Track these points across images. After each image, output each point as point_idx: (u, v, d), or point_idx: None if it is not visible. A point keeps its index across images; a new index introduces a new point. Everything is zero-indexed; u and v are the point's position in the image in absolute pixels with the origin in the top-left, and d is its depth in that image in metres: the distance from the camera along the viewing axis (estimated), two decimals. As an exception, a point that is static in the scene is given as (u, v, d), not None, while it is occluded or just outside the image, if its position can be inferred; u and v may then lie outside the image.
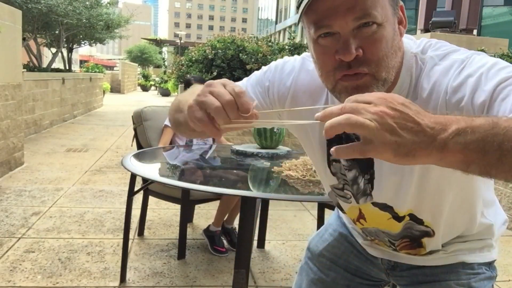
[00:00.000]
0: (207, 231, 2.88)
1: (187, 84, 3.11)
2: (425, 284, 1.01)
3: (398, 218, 0.93)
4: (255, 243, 2.85)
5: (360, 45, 0.71)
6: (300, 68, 0.92)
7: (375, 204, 0.93)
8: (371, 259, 1.10)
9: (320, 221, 2.88)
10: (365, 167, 0.89)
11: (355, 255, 1.12)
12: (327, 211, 2.83)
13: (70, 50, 12.45)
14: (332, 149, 0.55)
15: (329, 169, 0.96)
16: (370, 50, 0.71)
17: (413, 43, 0.83)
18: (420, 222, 0.92)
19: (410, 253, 1.00)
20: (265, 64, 4.06)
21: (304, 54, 0.95)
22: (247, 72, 4.64)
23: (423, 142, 0.52)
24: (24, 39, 8.91)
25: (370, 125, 0.51)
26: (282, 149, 2.73)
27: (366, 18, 0.70)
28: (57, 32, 10.70)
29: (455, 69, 0.74)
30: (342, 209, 1.05)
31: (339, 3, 0.69)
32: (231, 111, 0.64)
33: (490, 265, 1.01)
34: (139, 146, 3.02)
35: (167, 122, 2.98)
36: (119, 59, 45.21)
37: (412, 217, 0.92)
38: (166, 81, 19.49)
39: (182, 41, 25.60)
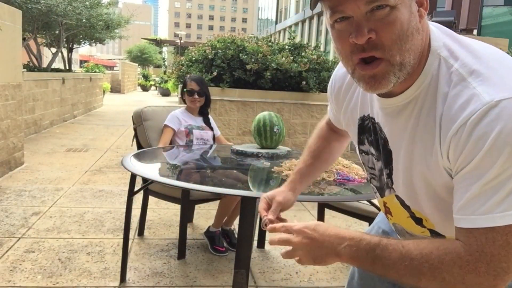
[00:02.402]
0: (207, 232, 2.89)
1: (184, 84, 3.12)
2: None
3: (415, 218, 0.92)
4: (255, 243, 2.85)
5: (374, 28, 0.72)
6: (336, 70, 1.05)
7: (397, 197, 0.93)
8: None
9: (320, 221, 2.87)
10: (386, 161, 0.91)
11: None
12: (327, 211, 2.83)
13: (70, 50, 12.44)
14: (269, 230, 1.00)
15: (360, 158, 1.04)
16: (383, 33, 0.72)
17: (442, 38, 0.78)
18: (440, 236, 0.90)
19: None
20: (265, 64, 4.05)
21: None
22: (247, 72, 4.64)
23: (326, 253, 0.83)
24: (24, 39, 8.90)
25: (299, 259, 0.89)
26: (282, 149, 2.73)
27: (378, 1, 0.70)
28: (57, 32, 10.69)
29: (472, 114, 0.68)
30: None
31: None
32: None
33: None
34: (139, 146, 3.02)
35: (167, 122, 2.98)
36: (119, 59, 45.23)
37: (433, 233, 0.91)
38: (166, 81, 19.48)
39: (182, 41, 25.60)
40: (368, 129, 0.94)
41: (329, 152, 1.23)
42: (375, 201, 2.21)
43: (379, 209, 1.29)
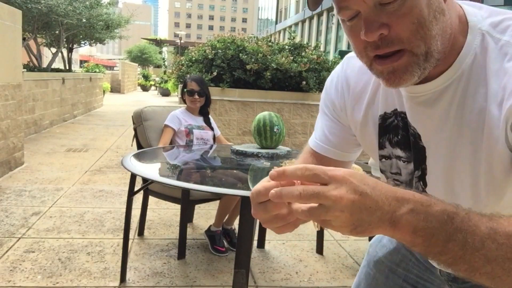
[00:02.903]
0: (208, 231, 2.89)
1: (184, 84, 3.12)
2: None
3: None
4: (255, 243, 2.85)
5: (386, 22, 0.62)
6: (345, 69, 0.89)
7: None
8: (431, 269, 0.99)
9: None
10: (418, 161, 0.80)
11: (413, 263, 1.02)
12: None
13: (70, 50, 12.44)
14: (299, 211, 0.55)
15: (379, 166, 0.88)
16: (399, 27, 0.62)
17: (481, 14, 0.70)
18: None
19: None
20: (265, 64, 4.04)
21: (347, 56, 0.91)
22: (247, 72, 4.65)
23: (378, 218, 0.53)
24: (24, 39, 8.91)
25: (328, 216, 0.52)
26: (282, 149, 2.73)
27: None
28: (57, 32, 10.70)
29: None
30: None
31: None
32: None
33: None
34: (139, 146, 3.02)
35: (167, 122, 2.98)
36: (119, 59, 45.22)
37: None
38: (166, 81, 19.48)
39: (182, 41, 25.60)
40: (393, 128, 0.81)
41: None
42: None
43: None
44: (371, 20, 0.63)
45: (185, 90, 3.07)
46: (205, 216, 3.50)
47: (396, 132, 0.81)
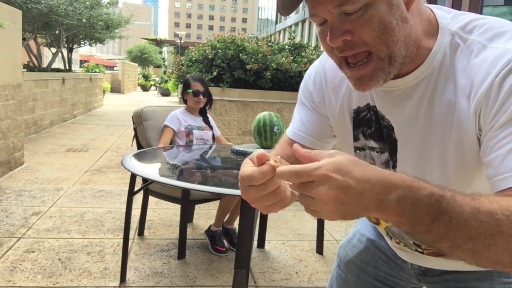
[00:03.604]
0: (208, 231, 2.89)
1: (185, 84, 3.11)
2: None
3: None
4: (255, 243, 2.85)
5: (350, 29, 0.68)
6: (323, 63, 0.93)
7: None
8: (401, 264, 1.04)
9: (320, 221, 2.88)
10: (391, 152, 0.84)
11: (383, 260, 1.07)
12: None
13: (70, 50, 12.44)
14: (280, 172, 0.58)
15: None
16: (361, 33, 0.68)
17: (450, 17, 0.76)
18: None
19: (439, 258, 0.93)
20: (265, 64, 4.04)
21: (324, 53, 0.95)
22: (247, 72, 4.64)
23: (364, 207, 0.55)
24: (24, 39, 8.90)
25: (316, 208, 0.56)
26: (282, 149, 2.73)
27: (345, 5, 0.66)
28: (57, 32, 10.70)
29: (503, 64, 0.65)
30: None
31: None
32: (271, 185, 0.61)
33: None
34: (139, 146, 3.02)
35: (167, 122, 2.98)
36: (119, 59, 45.22)
37: None
38: (166, 81, 19.48)
39: (182, 41, 25.58)
40: (366, 121, 0.86)
41: None
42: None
43: None
44: (336, 28, 0.68)
45: (189, 91, 3.06)
46: (205, 216, 3.50)
47: (369, 125, 0.86)
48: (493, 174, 0.64)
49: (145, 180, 2.42)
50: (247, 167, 0.61)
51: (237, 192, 1.89)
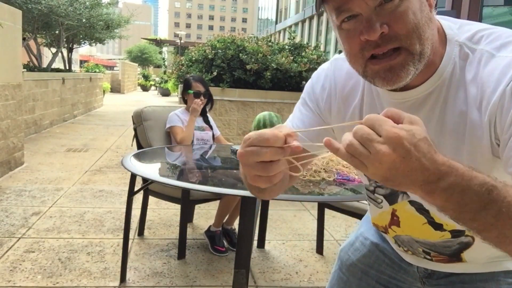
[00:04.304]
0: (208, 231, 2.89)
1: (186, 84, 3.11)
2: None
3: (434, 224, 0.86)
4: (255, 243, 2.85)
5: (385, 22, 0.68)
6: (333, 70, 0.92)
7: (412, 202, 0.87)
8: (405, 267, 1.03)
9: (320, 221, 2.88)
10: None
11: (387, 264, 1.06)
12: (327, 211, 2.83)
13: (70, 50, 12.43)
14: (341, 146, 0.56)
15: None
16: (397, 24, 0.68)
17: (457, 28, 0.77)
18: (461, 233, 0.86)
19: (449, 264, 0.94)
20: (265, 64, 4.02)
21: (334, 56, 0.94)
22: (247, 72, 4.64)
23: (411, 182, 0.55)
24: (24, 39, 8.90)
25: (368, 166, 0.54)
26: (282, 149, 2.72)
27: None
28: (57, 32, 10.69)
29: None
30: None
31: None
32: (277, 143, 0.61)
33: None
34: (139, 146, 3.02)
35: (172, 124, 2.97)
36: (119, 59, 45.23)
37: (454, 233, 0.86)
38: (166, 81, 19.49)
39: (182, 41, 25.59)
40: None
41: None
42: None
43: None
44: (373, 20, 0.68)
45: (190, 91, 3.05)
46: (205, 216, 3.50)
47: None
48: None
49: (145, 180, 2.42)
50: (265, 131, 0.62)
51: (237, 192, 1.89)
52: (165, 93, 19.99)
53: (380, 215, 0.96)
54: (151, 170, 2.41)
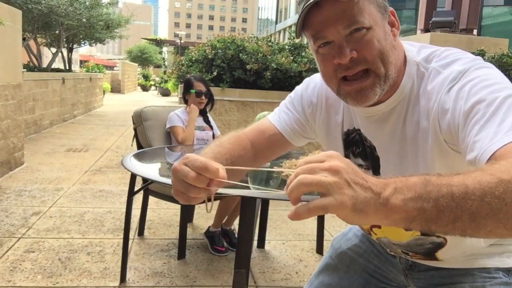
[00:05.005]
0: (207, 232, 2.89)
1: (188, 84, 3.10)
2: (441, 287, 1.02)
3: None
4: (255, 243, 2.85)
5: (354, 48, 0.79)
6: (321, 83, 1.01)
7: None
8: (391, 259, 1.12)
9: (320, 221, 2.88)
10: (374, 168, 0.95)
11: (375, 254, 1.15)
12: (327, 211, 2.83)
13: (70, 50, 12.43)
14: (290, 213, 0.56)
15: None
16: (364, 50, 0.80)
17: (416, 51, 0.89)
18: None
19: (426, 261, 1.03)
20: (265, 64, 4.02)
21: None
22: (247, 72, 4.64)
23: (371, 198, 0.54)
24: (24, 39, 8.90)
25: (326, 181, 0.53)
26: (282, 149, 2.73)
27: (354, 25, 0.78)
28: (57, 32, 10.69)
29: (449, 82, 0.79)
30: None
31: (329, 15, 0.79)
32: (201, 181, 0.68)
33: (509, 271, 0.99)
34: (139, 146, 3.02)
35: (172, 123, 2.96)
36: (119, 59, 45.22)
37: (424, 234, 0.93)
38: (166, 81, 19.49)
39: (182, 41, 25.59)
40: (355, 142, 0.98)
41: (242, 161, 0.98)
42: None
43: None
44: (344, 47, 0.79)
45: (191, 91, 3.05)
46: (205, 216, 3.50)
47: (357, 145, 0.98)
48: (475, 156, 0.68)
49: (145, 180, 2.42)
50: (192, 164, 0.68)
51: (237, 192, 1.89)
52: (165, 93, 19.99)
53: None
54: (151, 170, 2.41)
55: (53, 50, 11.80)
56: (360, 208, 0.54)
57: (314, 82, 1.05)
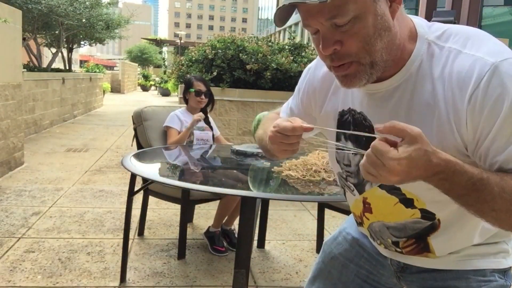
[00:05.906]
0: (207, 232, 2.89)
1: (188, 83, 3.10)
2: None
3: (406, 201, 0.91)
4: (255, 243, 2.85)
5: (340, 39, 0.77)
6: (314, 66, 1.04)
7: (382, 186, 0.92)
8: (382, 261, 1.09)
9: (320, 221, 2.88)
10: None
11: (366, 258, 1.12)
12: (327, 211, 2.83)
13: (70, 50, 12.43)
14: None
15: (335, 155, 1.02)
16: (349, 43, 0.77)
17: (427, 26, 0.84)
18: (432, 216, 0.91)
19: (417, 256, 0.98)
20: (265, 64, 4.02)
21: None
22: (247, 72, 4.64)
23: (417, 176, 0.71)
24: (24, 39, 8.90)
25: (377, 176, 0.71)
26: (282, 149, 2.72)
27: (336, 18, 0.74)
28: (57, 32, 10.69)
29: (476, 77, 0.74)
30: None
31: (311, 7, 0.75)
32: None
33: (505, 273, 0.96)
34: (139, 146, 3.02)
35: (168, 124, 2.96)
36: (119, 59, 45.24)
37: (423, 213, 0.91)
38: (166, 81, 19.47)
39: (182, 41, 25.57)
40: (347, 124, 0.96)
41: None
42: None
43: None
44: (327, 38, 0.77)
45: (192, 90, 3.05)
46: (205, 216, 3.50)
47: (348, 127, 0.95)
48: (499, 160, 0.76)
49: (145, 180, 2.42)
50: (285, 122, 0.86)
51: (237, 192, 1.89)
52: (165, 93, 19.98)
53: (355, 202, 1.02)
54: (151, 170, 2.41)
55: (53, 50, 11.80)
56: (409, 177, 0.70)
57: (308, 67, 1.07)
